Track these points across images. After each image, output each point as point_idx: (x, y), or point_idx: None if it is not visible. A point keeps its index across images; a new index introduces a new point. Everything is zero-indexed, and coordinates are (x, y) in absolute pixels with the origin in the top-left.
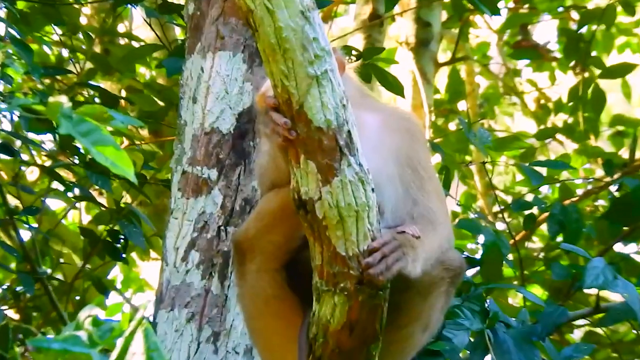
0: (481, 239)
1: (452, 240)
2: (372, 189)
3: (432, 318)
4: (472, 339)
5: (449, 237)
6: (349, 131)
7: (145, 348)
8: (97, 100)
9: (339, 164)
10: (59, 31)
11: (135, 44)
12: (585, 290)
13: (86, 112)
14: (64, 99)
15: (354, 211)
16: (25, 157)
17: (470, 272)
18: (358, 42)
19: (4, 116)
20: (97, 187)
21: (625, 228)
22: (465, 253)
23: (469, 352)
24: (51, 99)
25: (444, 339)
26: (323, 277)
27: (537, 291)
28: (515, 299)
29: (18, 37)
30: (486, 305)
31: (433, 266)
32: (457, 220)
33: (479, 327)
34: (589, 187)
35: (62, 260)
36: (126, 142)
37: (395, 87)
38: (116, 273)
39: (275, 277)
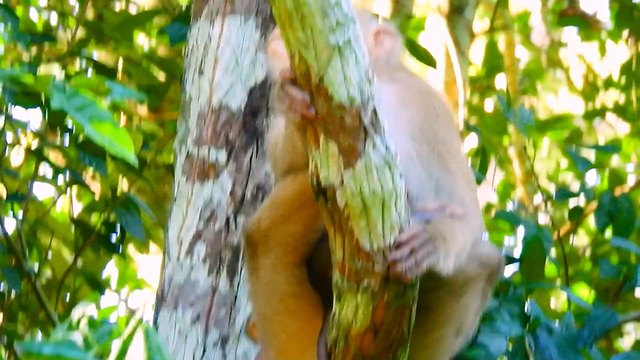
0: (521, 232)
1: (484, 231)
2: (400, 175)
3: (466, 320)
4: (510, 345)
5: (481, 228)
6: (374, 109)
7: (146, 351)
8: (90, 72)
9: (363, 146)
10: None
11: (133, 9)
12: (637, 291)
13: (81, 84)
14: (56, 70)
15: (380, 199)
16: (9, 136)
17: (508, 270)
18: (384, 8)
19: None
20: (90, 171)
21: None
22: (503, 250)
23: (507, 359)
24: (42, 70)
25: (480, 345)
26: (344, 274)
27: (584, 292)
28: (558, 301)
29: (0, 0)
30: (526, 307)
31: (468, 262)
32: (493, 211)
33: (518, 332)
34: None
35: (50, 254)
36: (123, 121)
37: (426, 58)
38: (111, 269)
39: (292, 273)
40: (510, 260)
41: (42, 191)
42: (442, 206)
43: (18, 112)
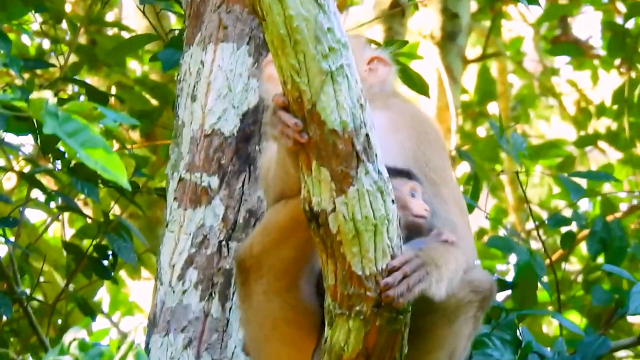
0: (513, 258)
1: (475, 257)
2: (393, 200)
3: (458, 346)
4: None
5: (473, 254)
6: (367, 134)
7: None
8: (82, 98)
9: (356, 172)
10: (40, 19)
11: (126, 35)
12: (629, 318)
13: (73, 110)
14: (48, 95)
15: (372, 225)
16: (1, 161)
17: (500, 296)
18: (377, 34)
19: None
20: (82, 197)
21: None
22: (495, 275)
23: None
24: (34, 95)
25: None
26: (336, 299)
27: (575, 318)
28: (550, 327)
29: None
30: (518, 333)
31: (460, 287)
32: (486, 237)
33: (510, 359)
34: (635, 201)
35: (42, 279)
36: (116, 146)
37: (418, 85)
38: (103, 294)
39: (284, 299)
40: (502, 285)
41: (34, 215)
42: (435, 232)
43: (10, 137)
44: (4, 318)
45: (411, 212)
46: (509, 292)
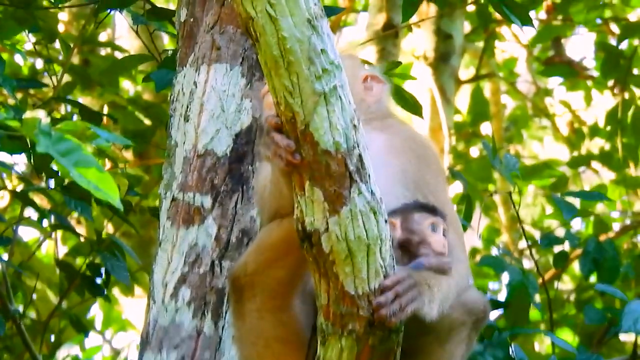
0: (505, 278)
1: (470, 277)
2: (385, 221)
3: None
4: None
5: (467, 275)
6: (360, 155)
7: None
8: (75, 117)
9: (349, 192)
10: (33, 39)
11: (119, 55)
12: (622, 337)
13: (66, 129)
14: (41, 114)
15: (365, 245)
16: None
17: (493, 314)
18: (370, 55)
19: None
20: (75, 215)
21: None
22: (488, 294)
23: None
24: (27, 114)
25: None
26: (329, 318)
27: (568, 337)
28: (542, 345)
29: None
30: (511, 352)
31: (453, 308)
32: (479, 256)
33: None
34: (627, 221)
35: (35, 297)
36: (108, 165)
37: (412, 106)
38: (96, 311)
39: (278, 318)
40: (495, 305)
41: (27, 233)
42: (431, 255)
43: (3, 156)
44: None
45: (430, 247)
46: (501, 310)
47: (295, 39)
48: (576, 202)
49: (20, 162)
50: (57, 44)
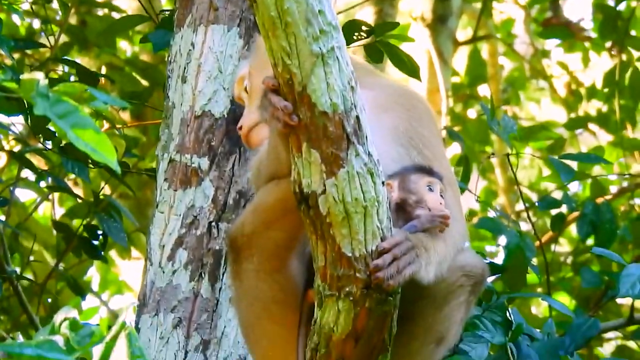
0: (503, 240)
1: (466, 239)
2: (383, 182)
3: (448, 330)
4: (492, 353)
5: (464, 235)
6: (357, 116)
7: (129, 354)
8: (72, 78)
9: (346, 154)
10: None
11: (117, 15)
12: (618, 300)
13: (64, 91)
14: (39, 76)
15: (362, 207)
16: None
17: (490, 278)
18: (367, 16)
19: None
20: (72, 177)
21: None
22: (485, 257)
23: None
24: (25, 76)
25: (461, 352)
26: (326, 281)
27: (565, 300)
28: (539, 308)
29: None
30: (508, 315)
31: (451, 271)
32: (476, 219)
33: (500, 341)
34: (625, 183)
35: (32, 258)
36: (106, 126)
37: (409, 67)
38: (93, 273)
39: (275, 279)
40: (493, 269)
41: (24, 195)
42: (428, 214)
43: (0, 116)
44: None
45: (427, 206)
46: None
47: None
48: (573, 164)
49: (17, 123)
50: (54, 4)
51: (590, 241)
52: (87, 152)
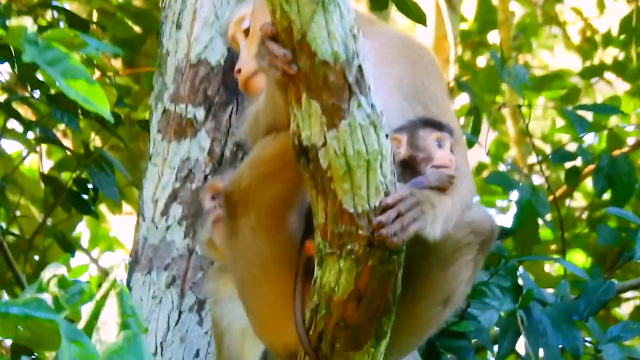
0: (514, 195)
1: (474, 195)
2: (387, 135)
3: (455, 290)
4: (502, 316)
5: (472, 191)
6: (359, 66)
7: (120, 313)
8: (62, 25)
9: (348, 105)
10: None
11: None
12: None
13: (54, 37)
14: (28, 22)
15: (365, 160)
16: None
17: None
18: None
19: None
20: (61, 127)
21: None
22: (495, 213)
23: (498, 329)
24: (13, 21)
25: (469, 317)
26: (327, 238)
27: (580, 258)
28: (553, 267)
29: None
30: (518, 275)
31: (458, 228)
32: (486, 173)
33: (509, 308)
34: None
35: (19, 213)
36: (97, 74)
37: (415, 13)
38: (82, 228)
39: (273, 237)
40: (503, 233)
41: (10, 146)
42: (433, 170)
43: None
44: None
45: (436, 163)
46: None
47: None
48: (589, 115)
49: (3, 71)
50: None
51: (606, 195)
52: (77, 102)
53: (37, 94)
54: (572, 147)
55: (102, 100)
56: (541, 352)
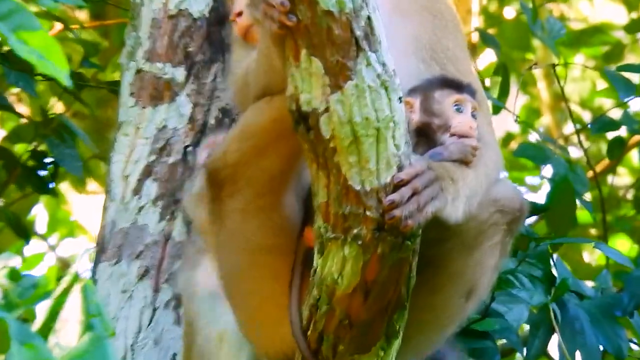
0: (547, 171)
1: (501, 168)
2: (400, 99)
3: (479, 280)
4: (532, 311)
5: (498, 164)
6: (368, 17)
7: (83, 312)
8: None
9: (355, 63)
10: None
11: None
12: None
13: None
14: None
15: (374, 128)
16: None
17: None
18: None
19: None
20: (15, 91)
21: None
22: (525, 191)
23: (528, 327)
24: None
25: (493, 315)
26: (329, 221)
27: (624, 244)
28: (593, 255)
29: None
30: (551, 264)
31: (482, 207)
32: (514, 144)
33: (540, 300)
34: None
35: None
36: (58, 28)
37: None
38: (39, 211)
39: (267, 220)
40: (534, 209)
41: None
42: (454, 140)
43: None
44: None
45: (455, 131)
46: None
47: None
48: (634, 77)
49: None
50: None
51: None
52: (31, 62)
53: None
54: (615, 114)
55: (60, 60)
56: (578, 354)
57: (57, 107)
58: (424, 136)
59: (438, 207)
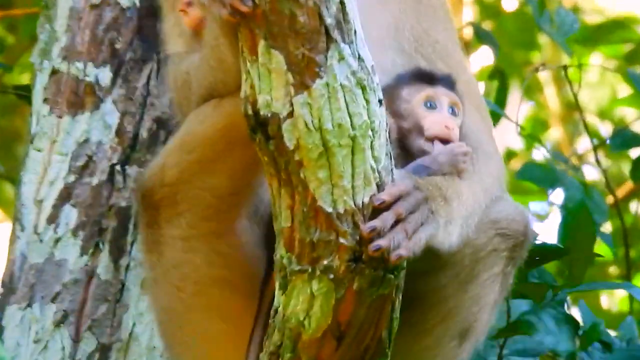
0: (557, 196)
1: (503, 184)
2: (380, 101)
3: (476, 318)
4: None
5: (499, 178)
6: (340, 2)
7: None
8: None
9: (325, 57)
10: None
11: None
12: None
13: None
14: None
15: (349, 137)
16: None
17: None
18: None
19: None
20: None
21: None
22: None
23: None
24: None
25: None
26: (293, 250)
27: None
28: (612, 298)
29: None
30: (569, 310)
31: (480, 230)
32: (517, 163)
33: (568, 348)
34: None
35: None
36: None
37: None
38: None
39: (215, 248)
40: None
41: None
42: (444, 149)
43: None
44: None
45: (425, 132)
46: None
47: None
48: None
49: None
50: None
51: None
52: None
53: None
54: None
55: None
56: None
57: None
58: (400, 144)
59: (430, 234)
